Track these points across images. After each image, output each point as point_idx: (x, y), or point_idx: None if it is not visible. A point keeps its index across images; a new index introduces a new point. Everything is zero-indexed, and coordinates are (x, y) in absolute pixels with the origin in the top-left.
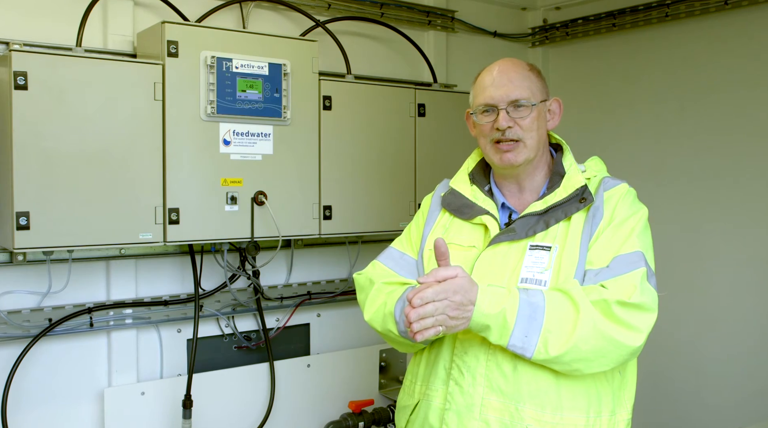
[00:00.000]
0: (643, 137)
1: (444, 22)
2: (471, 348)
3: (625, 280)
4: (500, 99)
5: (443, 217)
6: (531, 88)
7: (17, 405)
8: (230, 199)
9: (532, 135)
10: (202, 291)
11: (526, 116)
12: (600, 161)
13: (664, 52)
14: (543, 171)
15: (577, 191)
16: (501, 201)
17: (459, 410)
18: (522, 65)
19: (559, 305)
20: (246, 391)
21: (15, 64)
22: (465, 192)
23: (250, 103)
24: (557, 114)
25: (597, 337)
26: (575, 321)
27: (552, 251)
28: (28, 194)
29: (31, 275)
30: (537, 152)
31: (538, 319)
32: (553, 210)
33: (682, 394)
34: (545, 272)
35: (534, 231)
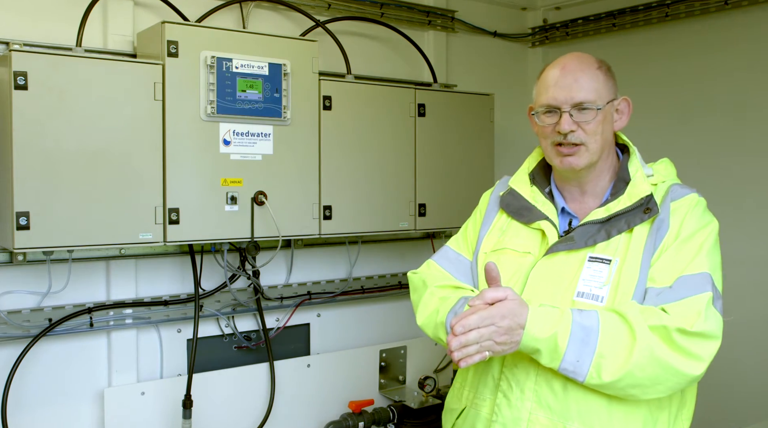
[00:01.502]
0: (643, 137)
1: (444, 22)
2: (521, 362)
3: (689, 305)
4: (564, 101)
5: (500, 218)
6: (598, 89)
7: (17, 405)
8: (230, 199)
9: (596, 139)
10: (202, 291)
11: (590, 119)
12: (670, 165)
13: (664, 52)
14: (608, 175)
15: (642, 200)
16: (561, 205)
17: (505, 423)
18: (590, 63)
19: (614, 329)
20: (246, 391)
21: (15, 64)
22: (524, 193)
23: (250, 104)
24: (625, 114)
25: (654, 364)
26: (631, 347)
27: (612, 265)
28: (29, 194)
29: (31, 275)
30: (601, 155)
31: (591, 343)
32: (616, 219)
33: None
34: (603, 288)
35: (594, 241)
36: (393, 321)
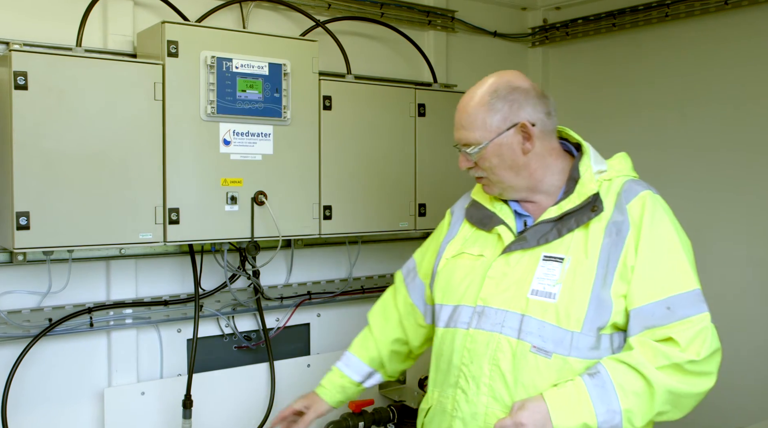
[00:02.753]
0: (643, 138)
1: (444, 22)
2: (476, 357)
3: (691, 329)
4: (457, 141)
5: (464, 228)
6: (480, 128)
7: (17, 405)
8: (230, 199)
9: (494, 171)
10: (202, 291)
11: (479, 157)
12: (626, 159)
13: (664, 52)
14: (553, 178)
15: (589, 198)
16: (515, 209)
17: (464, 417)
18: (479, 100)
19: (628, 383)
20: (246, 391)
21: (15, 64)
22: (484, 202)
23: (250, 103)
24: (533, 134)
25: (676, 397)
26: (651, 394)
27: (564, 263)
28: (29, 194)
29: (31, 275)
30: (513, 177)
31: (615, 405)
32: (567, 218)
33: None
34: (556, 286)
35: (546, 240)
36: None
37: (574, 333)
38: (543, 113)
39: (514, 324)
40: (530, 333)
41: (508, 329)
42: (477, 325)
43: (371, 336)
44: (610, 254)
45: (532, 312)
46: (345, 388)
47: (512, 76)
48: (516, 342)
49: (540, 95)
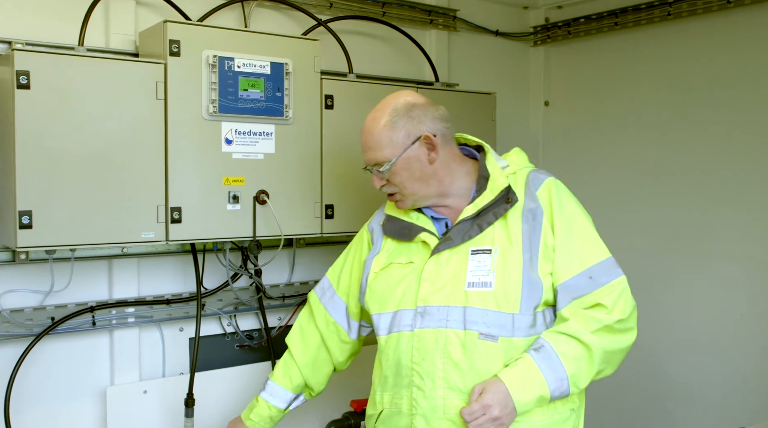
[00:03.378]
0: (646, 136)
1: (446, 21)
2: (427, 354)
3: (613, 291)
4: (367, 162)
5: (387, 243)
6: (389, 145)
7: (20, 404)
8: (232, 198)
9: (405, 184)
10: (204, 290)
11: (389, 174)
12: (521, 153)
13: (667, 51)
14: (462, 181)
15: (502, 192)
16: (431, 215)
17: (425, 413)
18: (378, 123)
19: (569, 349)
20: (248, 390)
21: (17, 64)
22: (399, 215)
23: (252, 103)
24: (437, 145)
25: (610, 355)
26: (590, 356)
27: (493, 253)
28: (31, 192)
29: (34, 274)
30: (423, 188)
31: (561, 372)
32: (484, 213)
33: (680, 392)
34: (490, 274)
35: (469, 236)
36: None
37: (514, 315)
38: (441, 124)
39: (458, 317)
40: (475, 322)
41: (453, 322)
42: (422, 325)
43: (293, 362)
44: (531, 238)
45: (473, 303)
46: (273, 418)
47: (407, 95)
48: (463, 332)
49: (435, 107)
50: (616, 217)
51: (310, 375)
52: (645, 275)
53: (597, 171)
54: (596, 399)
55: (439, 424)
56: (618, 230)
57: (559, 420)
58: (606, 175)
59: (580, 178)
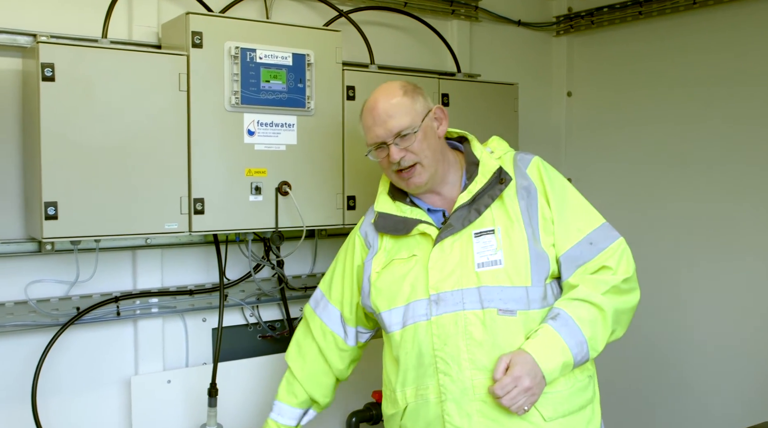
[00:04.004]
0: (670, 126)
1: (468, 12)
2: (449, 339)
3: (615, 252)
4: (385, 136)
5: (383, 241)
6: (409, 113)
7: (46, 393)
8: (254, 189)
9: (426, 154)
10: (227, 281)
11: (413, 142)
12: (501, 140)
13: (691, 40)
14: (454, 168)
15: (494, 174)
16: (426, 207)
17: (455, 398)
18: (394, 92)
19: (584, 313)
20: (270, 380)
21: (42, 56)
22: (391, 211)
23: (274, 94)
24: (444, 119)
25: (620, 315)
26: (604, 318)
27: (497, 233)
28: (56, 184)
29: (59, 264)
30: (436, 164)
31: (581, 338)
32: (480, 197)
33: (697, 386)
34: (498, 252)
35: (469, 221)
36: None
37: (528, 288)
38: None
39: (474, 298)
40: (492, 300)
41: (470, 303)
42: (438, 311)
43: (294, 380)
44: (530, 214)
45: (486, 282)
46: None
47: (405, 81)
48: (482, 312)
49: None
50: (639, 208)
51: (314, 389)
52: (668, 267)
53: (620, 162)
54: (617, 389)
55: (472, 406)
56: (640, 221)
57: (581, 387)
58: (629, 166)
59: (602, 169)
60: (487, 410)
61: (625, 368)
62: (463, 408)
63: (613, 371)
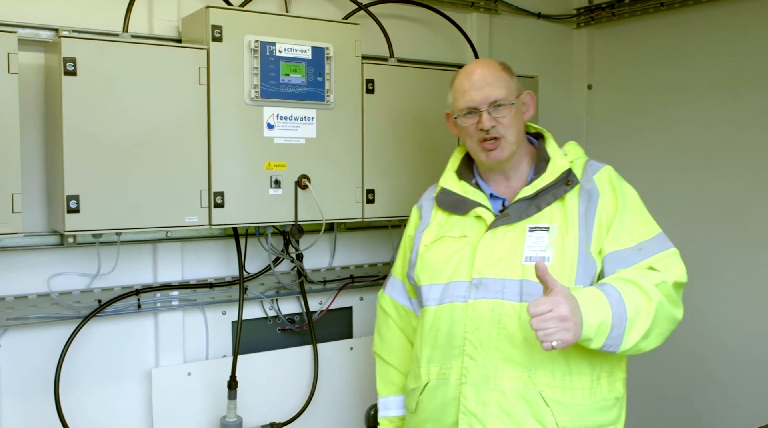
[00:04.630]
0: (691, 121)
1: (487, 4)
2: (482, 324)
3: (668, 258)
4: (481, 101)
5: (437, 216)
6: (508, 87)
7: (68, 384)
8: (274, 182)
9: (512, 131)
10: (247, 274)
11: (506, 114)
12: (578, 146)
13: (715, 32)
14: (526, 160)
15: (563, 174)
16: (489, 192)
17: (475, 382)
18: (496, 66)
19: (633, 294)
20: (290, 373)
21: (65, 51)
22: (455, 189)
23: (294, 87)
24: (531, 106)
25: (662, 318)
26: (648, 308)
27: (551, 231)
28: (78, 178)
29: (81, 257)
30: (519, 144)
31: (623, 315)
32: (543, 194)
33: (724, 381)
34: (547, 250)
35: (527, 214)
36: None
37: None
38: None
39: (514, 289)
40: (532, 295)
41: (510, 294)
42: (477, 296)
43: (386, 367)
44: (587, 218)
45: (530, 276)
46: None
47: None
48: (519, 305)
49: None
50: (662, 203)
51: (407, 368)
52: (695, 261)
53: (641, 155)
54: (647, 377)
55: (490, 395)
56: (663, 217)
57: (605, 406)
58: (651, 159)
59: (622, 162)
60: (505, 403)
61: (653, 365)
62: (481, 395)
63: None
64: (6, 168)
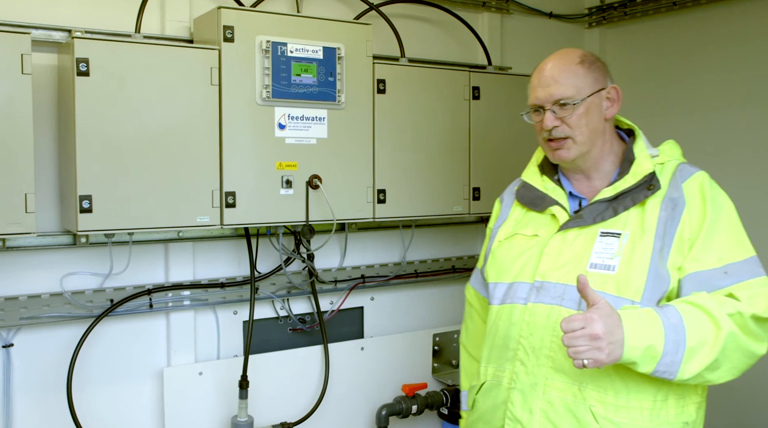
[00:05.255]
0: (704, 121)
1: (498, 4)
2: (536, 330)
3: (753, 288)
4: (545, 100)
5: (516, 211)
6: (577, 84)
7: (80, 383)
8: (285, 183)
9: (581, 131)
10: (258, 274)
11: (570, 114)
12: (675, 145)
13: (727, 32)
14: (610, 158)
15: (645, 178)
16: (569, 190)
17: (523, 389)
18: (570, 59)
19: (697, 321)
20: (301, 373)
21: (77, 51)
22: (536, 183)
23: (305, 88)
24: (616, 101)
25: (735, 350)
26: (716, 337)
27: (622, 238)
28: (91, 178)
29: (94, 257)
30: (591, 144)
31: (681, 342)
32: (622, 197)
33: None
34: (614, 258)
35: (602, 218)
36: (446, 305)
37: (634, 303)
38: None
39: (574, 297)
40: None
41: (569, 301)
42: (536, 299)
43: (469, 359)
44: (666, 228)
45: (592, 285)
46: None
47: (589, 52)
48: (577, 313)
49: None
50: None
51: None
52: None
53: None
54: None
55: (536, 404)
56: None
57: None
58: None
59: None
60: (552, 413)
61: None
62: (528, 403)
63: None
64: (19, 168)
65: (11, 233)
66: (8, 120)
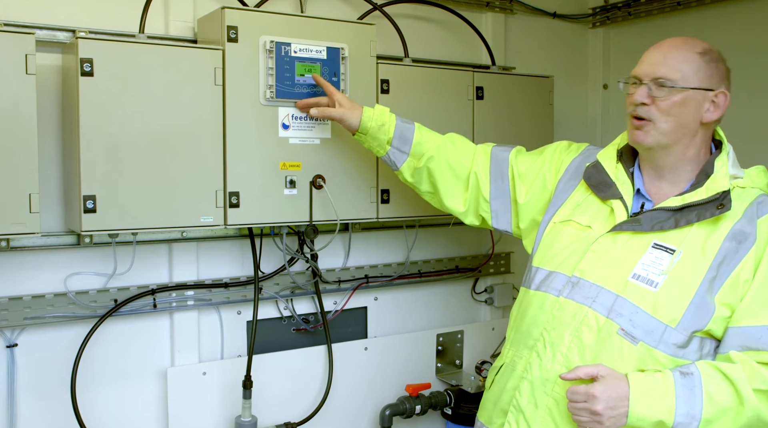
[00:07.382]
0: None
1: (502, 4)
2: (560, 325)
3: None
4: (645, 74)
5: (578, 192)
6: (685, 71)
7: (84, 383)
8: (289, 183)
9: (667, 119)
10: (262, 274)
11: (665, 96)
12: (764, 172)
13: (733, 32)
14: (691, 166)
15: (717, 194)
16: (638, 186)
17: (533, 381)
18: (691, 46)
19: (719, 391)
20: (304, 373)
21: (81, 51)
22: (609, 168)
23: (309, 88)
24: (720, 108)
25: (756, 426)
26: (738, 413)
27: (675, 255)
28: (95, 178)
29: (98, 257)
30: (674, 139)
31: (697, 411)
32: (688, 210)
33: None
34: (661, 276)
35: (661, 227)
36: (450, 306)
37: (667, 327)
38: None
39: (606, 302)
40: (621, 315)
41: (599, 305)
42: (568, 295)
43: (448, 143)
44: (725, 259)
45: (628, 295)
46: (378, 135)
47: (713, 48)
48: (604, 320)
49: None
50: None
51: (435, 163)
52: None
53: None
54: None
55: (542, 399)
56: None
57: None
58: None
59: None
60: (555, 411)
61: None
62: (534, 396)
63: None
64: (23, 168)
65: (15, 233)
66: (13, 120)
